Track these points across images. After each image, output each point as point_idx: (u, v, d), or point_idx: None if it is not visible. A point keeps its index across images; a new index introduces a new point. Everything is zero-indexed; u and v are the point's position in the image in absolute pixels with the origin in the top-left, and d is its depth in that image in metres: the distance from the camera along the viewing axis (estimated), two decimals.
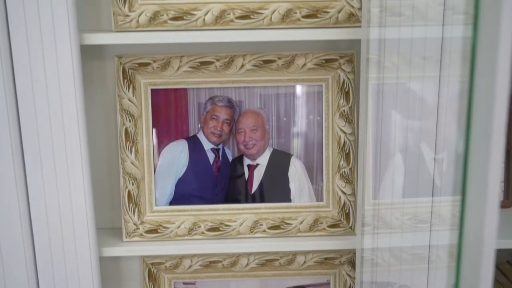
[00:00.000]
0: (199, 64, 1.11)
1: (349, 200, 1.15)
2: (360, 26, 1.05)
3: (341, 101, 1.13)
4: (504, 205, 1.21)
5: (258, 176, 1.16)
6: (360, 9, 1.05)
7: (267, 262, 1.21)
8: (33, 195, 1.05)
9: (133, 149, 1.13)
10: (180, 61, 1.11)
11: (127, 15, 1.05)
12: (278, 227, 1.16)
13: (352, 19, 1.06)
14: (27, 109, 1.01)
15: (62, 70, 1.00)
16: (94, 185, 1.09)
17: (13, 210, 1.04)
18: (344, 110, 1.13)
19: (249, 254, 1.20)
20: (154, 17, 1.05)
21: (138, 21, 1.05)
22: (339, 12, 1.06)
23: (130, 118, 1.12)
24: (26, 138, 1.02)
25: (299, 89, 1.14)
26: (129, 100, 1.11)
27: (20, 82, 1.00)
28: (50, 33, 0.98)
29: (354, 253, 1.20)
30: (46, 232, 1.06)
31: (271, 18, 1.05)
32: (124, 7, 1.04)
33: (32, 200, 1.05)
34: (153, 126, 1.13)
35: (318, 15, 1.06)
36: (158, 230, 1.15)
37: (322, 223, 1.16)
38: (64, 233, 1.07)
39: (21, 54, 0.98)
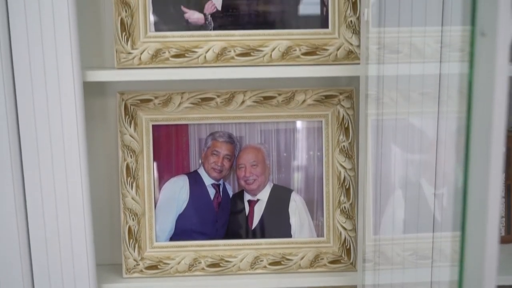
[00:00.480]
0: (200, 100, 1.12)
1: (350, 236, 1.15)
2: (359, 63, 1.06)
3: (341, 136, 1.13)
4: (505, 240, 1.21)
5: (258, 211, 1.16)
6: (358, 46, 1.07)
7: None
8: (33, 232, 1.04)
9: (134, 184, 1.13)
10: (182, 97, 1.12)
11: (130, 53, 1.07)
12: (279, 263, 1.15)
13: (351, 56, 1.08)
14: (29, 145, 1.01)
15: (64, 106, 1.01)
16: (94, 221, 1.09)
17: (13, 248, 1.04)
18: (344, 145, 1.13)
19: None
20: (156, 54, 1.07)
21: (140, 58, 1.07)
22: (338, 49, 1.07)
23: (131, 153, 1.13)
24: (28, 173, 1.02)
25: (299, 124, 1.15)
26: (130, 136, 1.12)
27: (23, 118, 1.01)
28: (53, 70, 0.99)
29: None
30: (45, 268, 1.06)
31: (271, 55, 1.07)
32: (127, 44, 1.06)
33: (33, 236, 1.05)
34: (154, 161, 1.14)
35: (318, 53, 1.07)
36: (159, 266, 1.15)
37: (323, 259, 1.15)
38: (64, 269, 1.06)
39: (24, 90, 1.00)
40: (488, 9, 0.48)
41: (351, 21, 1.07)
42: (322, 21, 1.09)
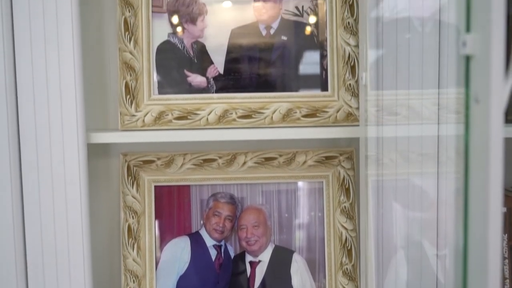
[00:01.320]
0: (202, 161, 1.14)
1: None
2: (358, 125, 1.08)
3: (342, 197, 1.14)
4: None
5: (260, 273, 1.15)
6: (357, 108, 1.09)
7: None
8: None
9: (135, 245, 1.13)
10: (184, 159, 1.14)
11: (134, 115, 1.09)
12: None
13: (350, 118, 1.10)
14: (32, 205, 1.02)
15: (68, 168, 1.02)
16: (94, 282, 1.08)
17: None
18: (345, 206, 1.14)
19: None
20: (160, 116, 1.09)
21: (144, 120, 1.09)
22: (337, 111, 1.10)
23: (133, 214, 1.13)
24: (29, 232, 1.02)
25: (300, 185, 1.15)
26: (132, 196, 1.13)
27: (27, 178, 1.01)
28: (58, 132, 1.01)
29: None
30: None
31: (272, 117, 1.09)
32: (131, 107, 1.09)
33: None
34: (156, 222, 1.14)
35: (318, 114, 1.10)
36: None
37: None
38: None
39: (29, 152, 1.01)
40: (482, 77, 0.50)
41: (350, 84, 1.10)
42: (322, 84, 1.12)
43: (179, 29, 1.11)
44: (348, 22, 1.09)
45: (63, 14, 0.98)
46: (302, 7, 1.12)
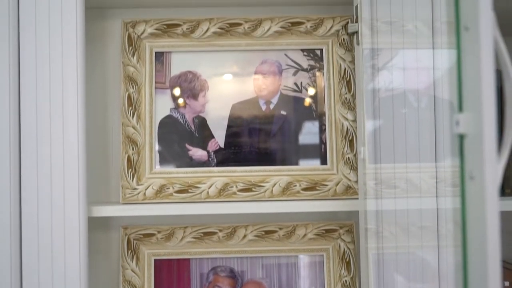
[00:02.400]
0: (202, 234, 1.14)
1: None
2: (357, 198, 1.09)
3: (343, 271, 1.13)
4: None
5: None
6: (356, 182, 1.10)
7: None
8: None
9: None
10: (184, 232, 1.14)
11: (135, 188, 1.10)
12: None
13: (350, 191, 1.11)
14: (31, 276, 1.01)
15: (68, 241, 1.02)
16: None
17: None
18: (345, 280, 1.13)
19: None
20: (161, 190, 1.10)
21: (145, 193, 1.10)
22: (336, 184, 1.11)
23: None
24: None
25: (300, 259, 1.15)
26: (132, 270, 1.12)
27: (27, 251, 1.01)
28: (60, 206, 1.01)
29: None
30: None
31: (272, 190, 1.10)
32: (132, 181, 1.10)
33: None
34: None
35: (317, 188, 1.11)
36: None
37: None
38: None
39: (30, 226, 1.01)
40: (476, 154, 0.52)
41: (348, 157, 1.12)
42: (321, 157, 1.13)
43: (181, 104, 1.14)
44: (346, 98, 1.13)
45: (69, 88, 1.01)
46: (301, 83, 1.15)
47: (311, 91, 1.15)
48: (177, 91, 1.15)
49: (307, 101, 1.15)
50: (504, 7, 1.06)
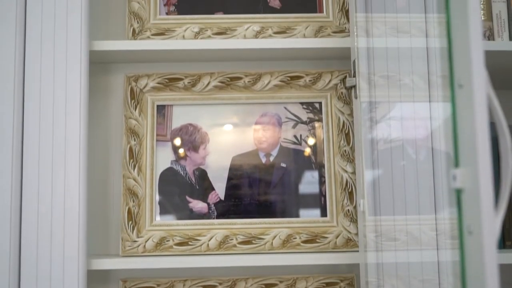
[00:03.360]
0: (202, 287, 1.13)
1: None
2: (358, 251, 1.09)
3: None
4: None
5: None
6: (356, 234, 1.10)
7: None
8: None
9: None
10: (184, 285, 1.13)
11: (135, 241, 1.10)
12: None
13: (350, 243, 1.11)
14: None
15: None
16: None
17: None
18: None
19: None
20: (161, 242, 1.10)
21: (145, 246, 1.10)
22: (337, 237, 1.11)
23: None
24: None
25: None
26: None
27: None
28: (59, 258, 1.01)
29: None
30: None
31: (272, 243, 1.10)
32: (132, 233, 1.10)
33: None
34: None
35: (317, 240, 1.11)
36: None
37: None
38: None
39: (29, 279, 1.00)
40: (473, 209, 0.52)
41: (348, 210, 1.12)
42: (321, 209, 1.14)
43: (182, 156, 1.16)
44: (345, 150, 1.14)
45: (71, 141, 1.02)
46: (300, 135, 1.17)
47: (311, 143, 1.16)
48: (178, 144, 1.16)
49: (307, 153, 1.16)
50: (496, 62, 1.09)
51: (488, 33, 1.11)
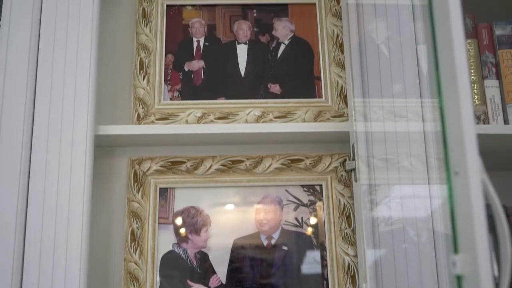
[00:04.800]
0: None
1: None
2: None
3: None
4: None
5: None
6: None
7: None
8: None
9: None
10: None
11: None
12: None
13: None
14: None
15: None
16: None
17: None
18: None
19: None
20: None
21: None
22: None
23: None
24: None
25: None
26: None
27: None
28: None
29: None
30: None
31: None
32: None
33: None
34: None
35: None
36: None
37: None
38: None
39: None
40: None
41: None
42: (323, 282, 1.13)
43: (183, 239, 1.16)
44: (346, 233, 1.14)
45: (74, 224, 1.03)
46: (302, 218, 1.17)
47: (312, 226, 1.17)
48: (180, 227, 1.17)
49: (308, 236, 1.16)
50: (492, 145, 1.11)
51: (483, 117, 1.14)
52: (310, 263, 1.15)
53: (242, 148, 1.23)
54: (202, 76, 1.26)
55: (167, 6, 1.30)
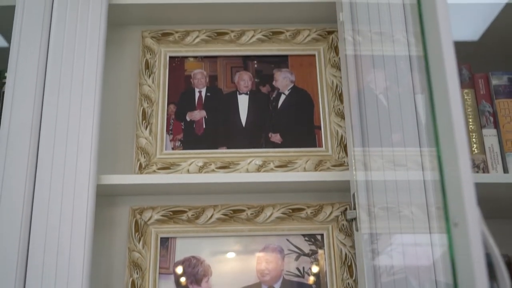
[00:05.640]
0: None
1: None
2: None
3: None
4: None
5: None
6: None
7: None
8: None
9: None
10: None
11: None
12: None
13: None
14: None
15: None
16: None
17: None
18: None
19: None
20: None
21: None
22: None
23: None
24: None
25: None
26: None
27: None
28: None
29: None
30: None
31: None
32: None
33: None
34: None
35: None
36: None
37: None
38: None
39: None
40: None
41: None
42: None
43: None
44: (348, 283, 1.13)
45: (74, 271, 1.02)
46: (303, 268, 1.17)
47: (314, 276, 1.16)
48: (180, 276, 1.16)
49: (310, 285, 1.15)
50: (491, 193, 1.12)
51: (483, 166, 1.14)
52: None
53: (243, 197, 1.23)
54: (204, 126, 1.27)
55: (170, 57, 1.32)
